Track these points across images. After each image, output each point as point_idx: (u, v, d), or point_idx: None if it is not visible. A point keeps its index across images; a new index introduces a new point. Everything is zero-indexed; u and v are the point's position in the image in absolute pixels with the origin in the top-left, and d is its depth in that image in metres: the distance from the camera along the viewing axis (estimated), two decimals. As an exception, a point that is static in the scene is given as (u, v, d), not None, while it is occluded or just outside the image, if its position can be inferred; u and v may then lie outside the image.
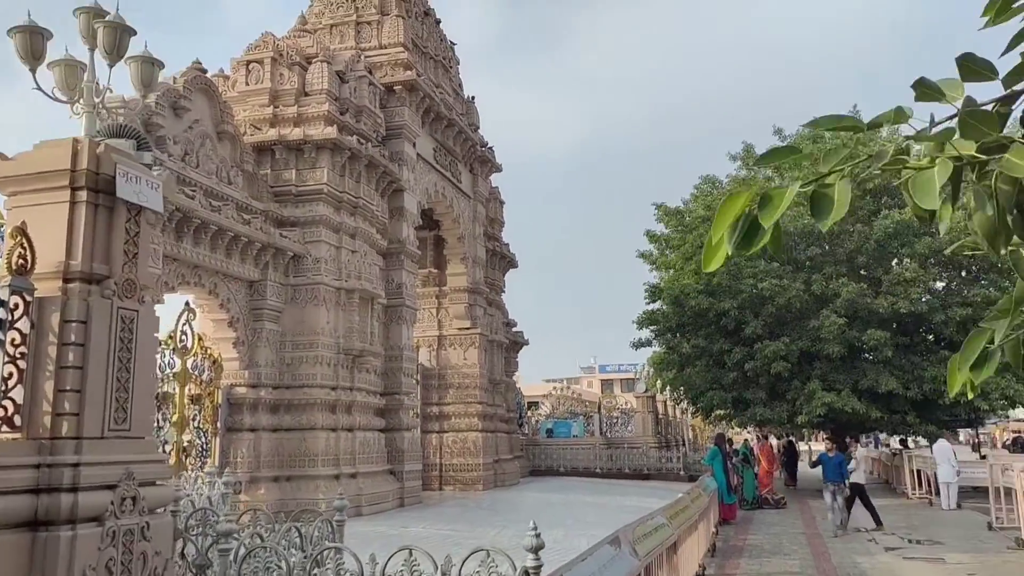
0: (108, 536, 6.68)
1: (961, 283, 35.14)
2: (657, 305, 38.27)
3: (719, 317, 34.53)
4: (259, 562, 7.47)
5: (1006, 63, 2.51)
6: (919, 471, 32.55)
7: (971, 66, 2.48)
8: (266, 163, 23.85)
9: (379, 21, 28.62)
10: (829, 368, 33.08)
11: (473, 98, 35.35)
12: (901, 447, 39.25)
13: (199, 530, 8.35)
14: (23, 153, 7.45)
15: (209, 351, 21.23)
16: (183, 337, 20.16)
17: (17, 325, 6.60)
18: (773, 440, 52.28)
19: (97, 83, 8.42)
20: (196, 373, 20.63)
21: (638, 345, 38.87)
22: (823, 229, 2.49)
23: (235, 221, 20.57)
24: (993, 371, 2.68)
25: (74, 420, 6.69)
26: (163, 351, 19.53)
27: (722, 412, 38.98)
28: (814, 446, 60.42)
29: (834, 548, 19.46)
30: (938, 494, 29.38)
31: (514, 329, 41.19)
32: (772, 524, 24.93)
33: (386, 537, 18.39)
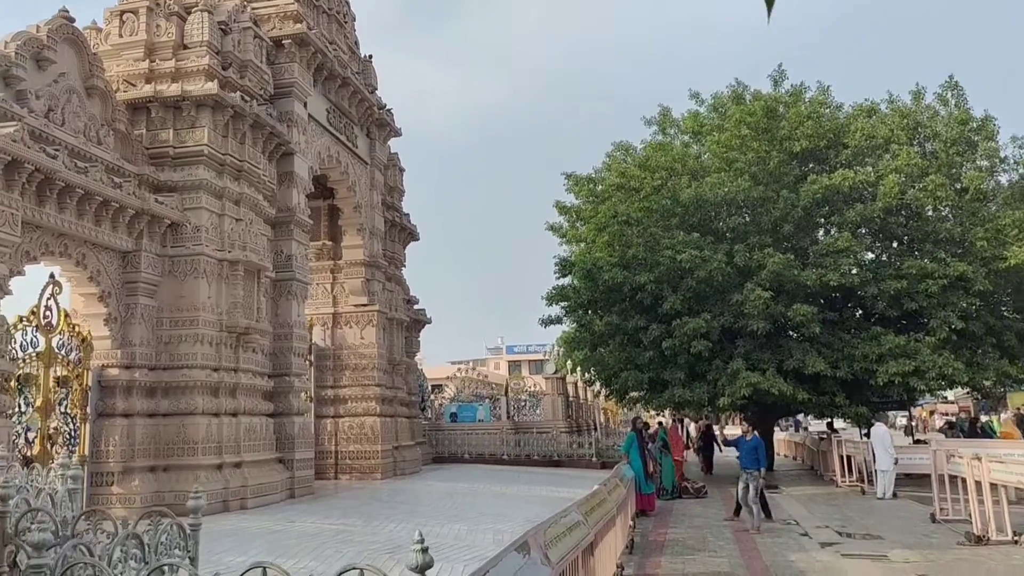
0: None
1: (893, 254, 34.90)
2: (568, 280, 37.70)
3: (634, 292, 33.95)
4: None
5: None
6: (849, 457, 32.32)
7: None
8: (141, 123, 22.86)
9: (267, -30, 27.70)
10: (753, 346, 32.69)
11: (370, 57, 34.44)
12: (828, 431, 39.08)
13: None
14: None
15: (78, 329, 20.33)
16: (47, 313, 19.27)
17: None
18: (692, 425, 52.11)
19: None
20: (63, 353, 19.72)
21: (547, 323, 38.20)
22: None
23: (103, 184, 19.57)
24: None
25: None
26: (25, 328, 18.63)
27: (637, 394, 38.47)
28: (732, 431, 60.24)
29: (763, 544, 18.88)
30: (871, 482, 29.18)
31: (416, 307, 40.52)
32: (694, 516, 24.48)
33: (270, 534, 17.66)
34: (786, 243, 34.96)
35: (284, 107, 26.61)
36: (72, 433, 19.82)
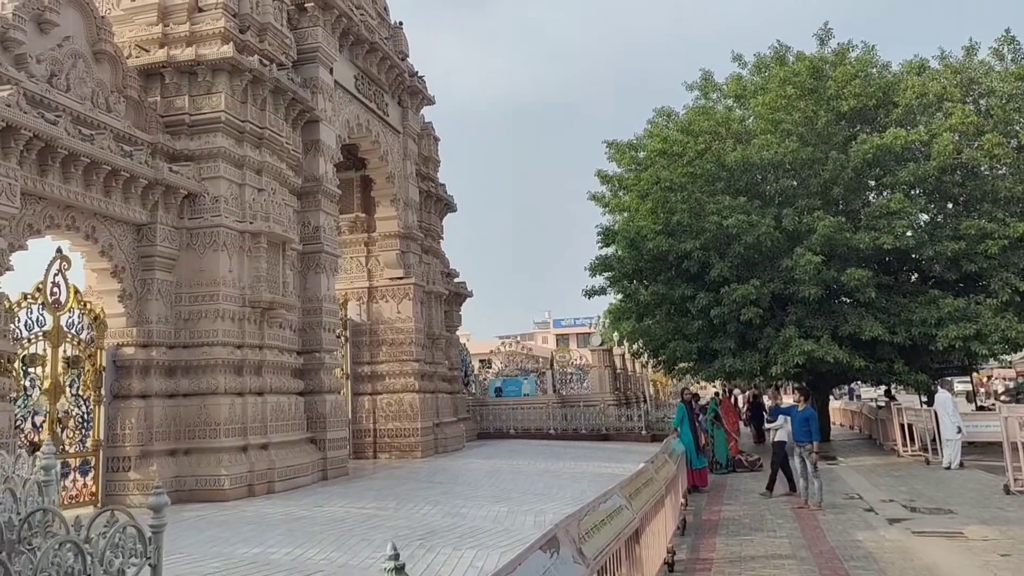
0: None
1: (949, 215, 33.23)
2: (611, 250, 36.48)
3: (680, 260, 32.76)
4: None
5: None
6: (910, 425, 30.81)
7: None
8: (155, 90, 21.53)
9: (289, -69, 26.42)
10: (805, 313, 31.25)
11: (401, 24, 33.06)
12: (887, 398, 37.67)
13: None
14: None
15: (89, 306, 19.10)
16: (55, 290, 18.04)
17: None
18: (740, 396, 50.76)
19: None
20: (73, 332, 18.48)
21: (591, 294, 36.91)
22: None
23: (111, 152, 18.29)
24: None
25: None
26: (29, 306, 17.43)
27: (686, 365, 37.23)
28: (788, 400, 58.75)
29: (826, 522, 17.37)
30: (935, 451, 27.72)
31: (456, 280, 39.29)
32: (749, 491, 23.03)
33: (294, 520, 16.36)
34: (836, 206, 33.47)
35: (308, 73, 25.29)
36: (85, 416, 18.59)
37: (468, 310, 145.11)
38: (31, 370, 17.38)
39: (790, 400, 34.48)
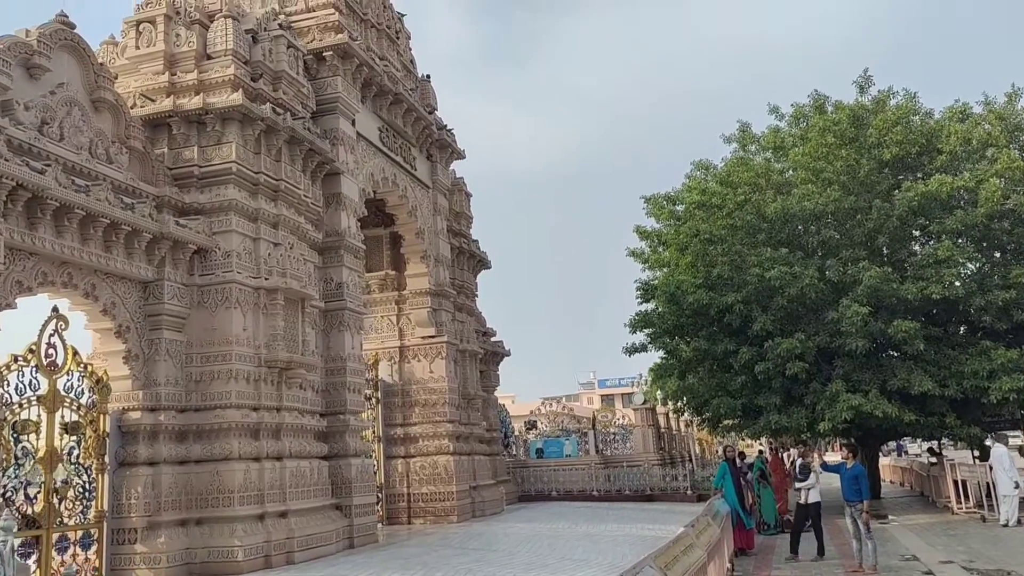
0: None
1: (997, 264, 31.60)
2: (651, 305, 35.01)
3: (722, 314, 31.17)
4: None
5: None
6: (963, 481, 29.01)
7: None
8: (162, 141, 20.12)
9: (306, -18, 25.18)
10: (852, 367, 29.57)
11: (428, 76, 31.78)
12: (935, 454, 35.87)
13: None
14: None
15: (90, 368, 17.56)
16: (50, 351, 16.50)
17: None
18: (792, 451, 48.91)
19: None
20: (72, 396, 16.97)
21: (631, 351, 35.32)
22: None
23: (109, 205, 16.88)
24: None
25: None
26: (20, 368, 15.95)
27: (731, 422, 35.51)
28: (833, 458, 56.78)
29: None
30: (991, 508, 26.13)
31: (493, 339, 37.81)
32: (800, 553, 21.26)
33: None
34: (882, 256, 31.99)
35: (328, 124, 23.94)
36: (86, 486, 17.04)
37: (513, 372, 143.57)
38: (23, 438, 15.90)
39: (837, 457, 32.85)
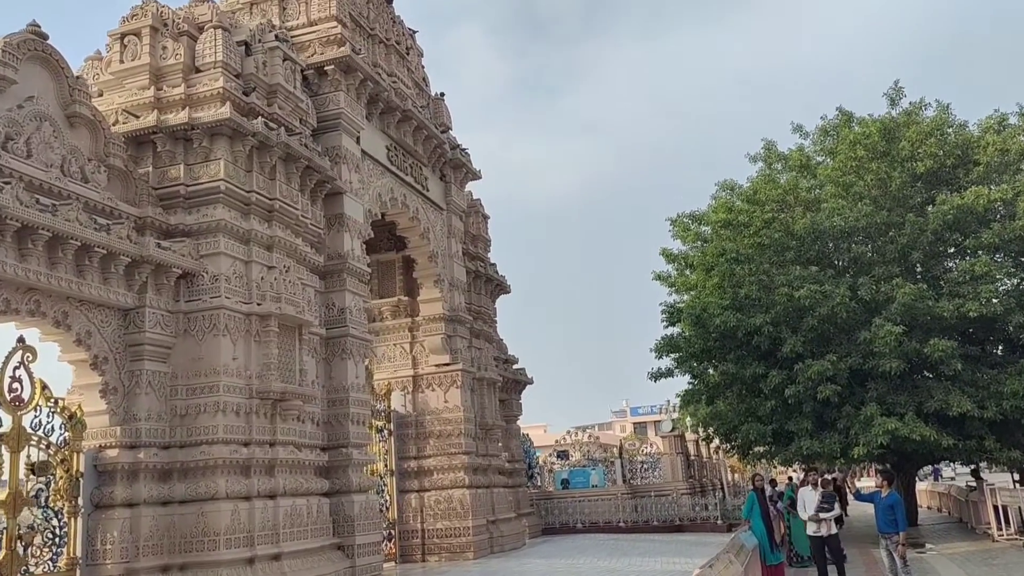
0: None
1: (1032, 280, 29.88)
2: (677, 329, 33.36)
3: (750, 336, 29.30)
4: None
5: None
6: (1004, 507, 27.28)
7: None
8: (147, 160, 18.64)
9: (308, -6, 23.78)
10: (887, 389, 27.63)
11: (442, 95, 30.35)
12: (977, 477, 34.10)
13: None
14: None
15: (61, 403, 16.07)
16: (15, 385, 15.01)
17: None
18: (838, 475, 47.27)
19: None
20: (41, 433, 15.47)
21: (657, 376, 33.59)
22: None
23: (79, 226, 15.40)
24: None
25: None
26: (-23, 405, 14.48)
27: (761, 448, 33.75)
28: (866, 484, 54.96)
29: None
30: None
31: (515, 367, 36.29)
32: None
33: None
34: (916, 272, 30.22)
35: (331, 142, 22.54)
36: (57, 531, 15.54)
37: (545, 402, 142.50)
38: (-20, 479, 14.42)
39: (870, 483, 31.14)
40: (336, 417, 21.23)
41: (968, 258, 28.87)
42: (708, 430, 34.67)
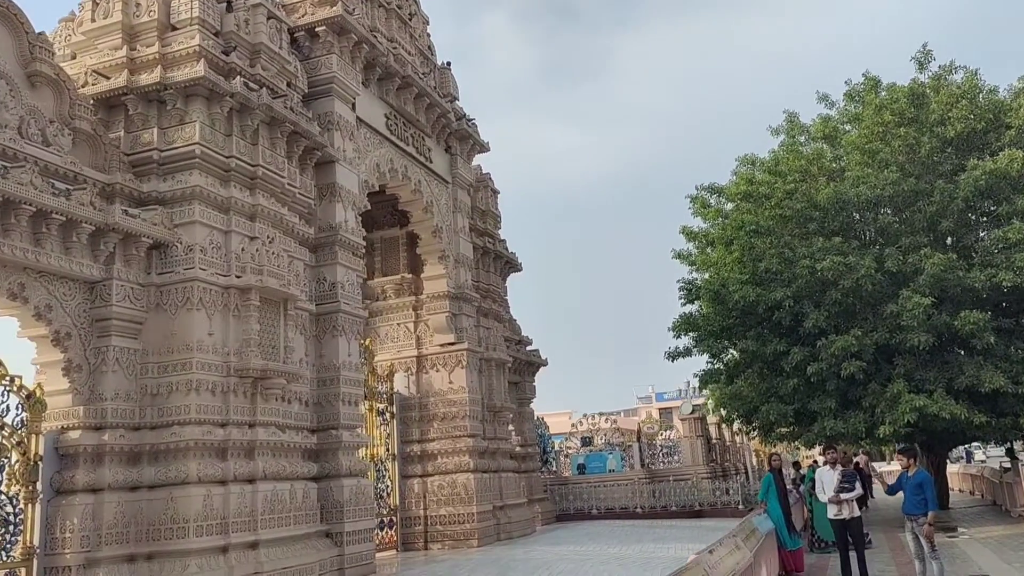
0: None
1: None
2: (695, 307, 32.26)
3: (771, 311, 28.42)
4: None
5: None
6: (1040, 489, 26.16)
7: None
8: (119, 123, 17.55)
9: (300, -47, 22.64)
10: (915, 364, 26.59)
11: (449, 63, 29.14)
12: (1013, 457, 32.87)
13: None
14: None
15: (18, 381, 14.98)
16: (-36, 362, 13.99)
17: None
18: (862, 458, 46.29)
19: None
20: (-6, 414, 14.43)
21: (674, 356, 32.37)
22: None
23: (32, 189, 14.29)
24: None
25: None
26: (-77, 383, 13.41)
27: (784, 430, 32.61)
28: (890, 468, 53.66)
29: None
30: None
31: (529, 348, 35.19)
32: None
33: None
34: (945, 242, 28.95)
35: (323, 108, 21.45)
36: (11, 519, 14.46)
37: (571, 388, 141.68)
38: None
39: (892, 467, 29.95)
40: (326, 397, 20.15)
41: (1001, 226, 27.59)
42: (728, 411, 33.60)
